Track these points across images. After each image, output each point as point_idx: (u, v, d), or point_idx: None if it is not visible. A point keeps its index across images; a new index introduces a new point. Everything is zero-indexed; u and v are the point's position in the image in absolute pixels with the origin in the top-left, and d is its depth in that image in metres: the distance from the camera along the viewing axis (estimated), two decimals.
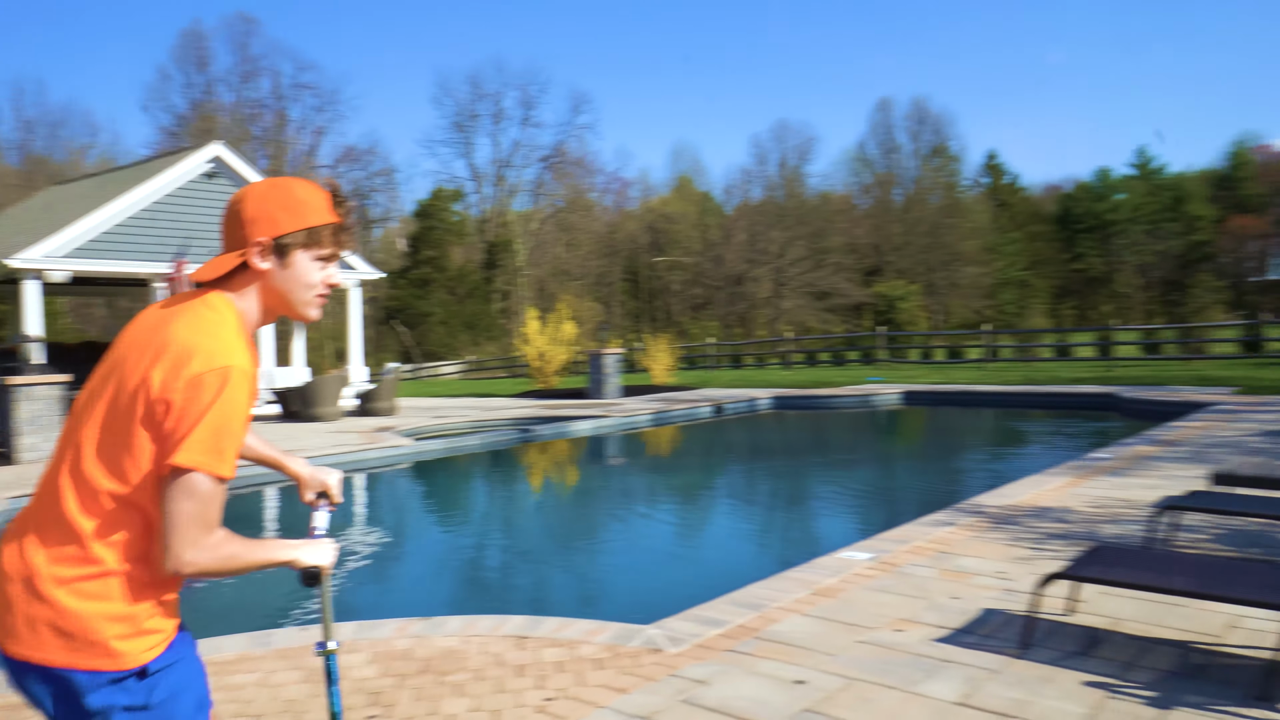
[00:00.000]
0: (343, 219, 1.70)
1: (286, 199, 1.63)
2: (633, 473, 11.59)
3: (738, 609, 4.36)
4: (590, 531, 8.06)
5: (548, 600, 5.94)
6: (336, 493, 1.98)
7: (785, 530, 7.99)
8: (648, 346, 22.30)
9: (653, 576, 6.36)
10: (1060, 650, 3.73)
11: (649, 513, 8.83)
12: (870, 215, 53.56)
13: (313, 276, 1.66)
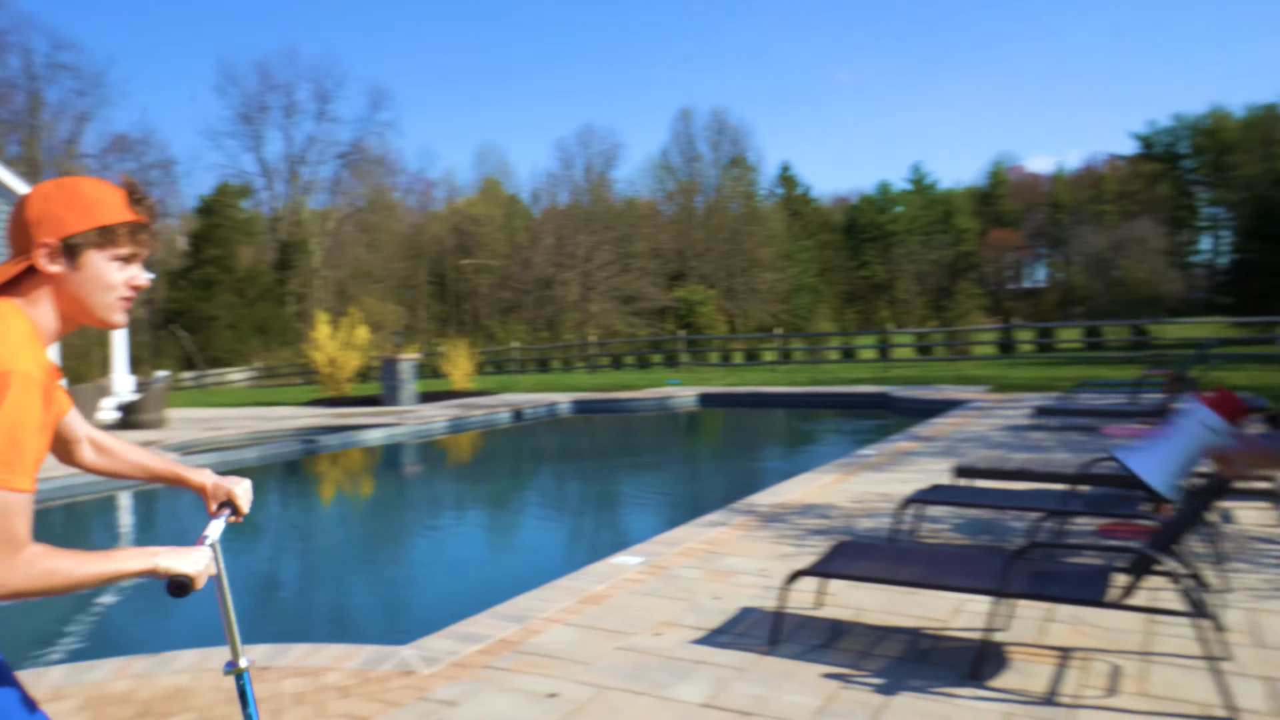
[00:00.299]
0: (141, 217, 1.58)
1: (73, 197, 1.52)
2: (420, 483, 11.24)
3: (501, 622, 4.26)
4: (363, 548, 7.72)
5: (306, 625, 5.60)
6: (244, 503, 1.88)
7: (566, 537, 7.98)
8: (447, 351, 21.80)
9: (425, 592, 6.16)
10: (806, 644, 3.89)
11: (429, 525, 8.57)
12: (674, 221, 55.07)
13: (111, 278, 1.56)
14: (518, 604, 4.53)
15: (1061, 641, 3.83)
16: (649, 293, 48.72)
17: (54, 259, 1.52)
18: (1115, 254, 42.08)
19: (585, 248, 49.29)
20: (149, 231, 1.60)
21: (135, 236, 1.57)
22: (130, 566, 1.50)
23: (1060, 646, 3.78)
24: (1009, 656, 3.69)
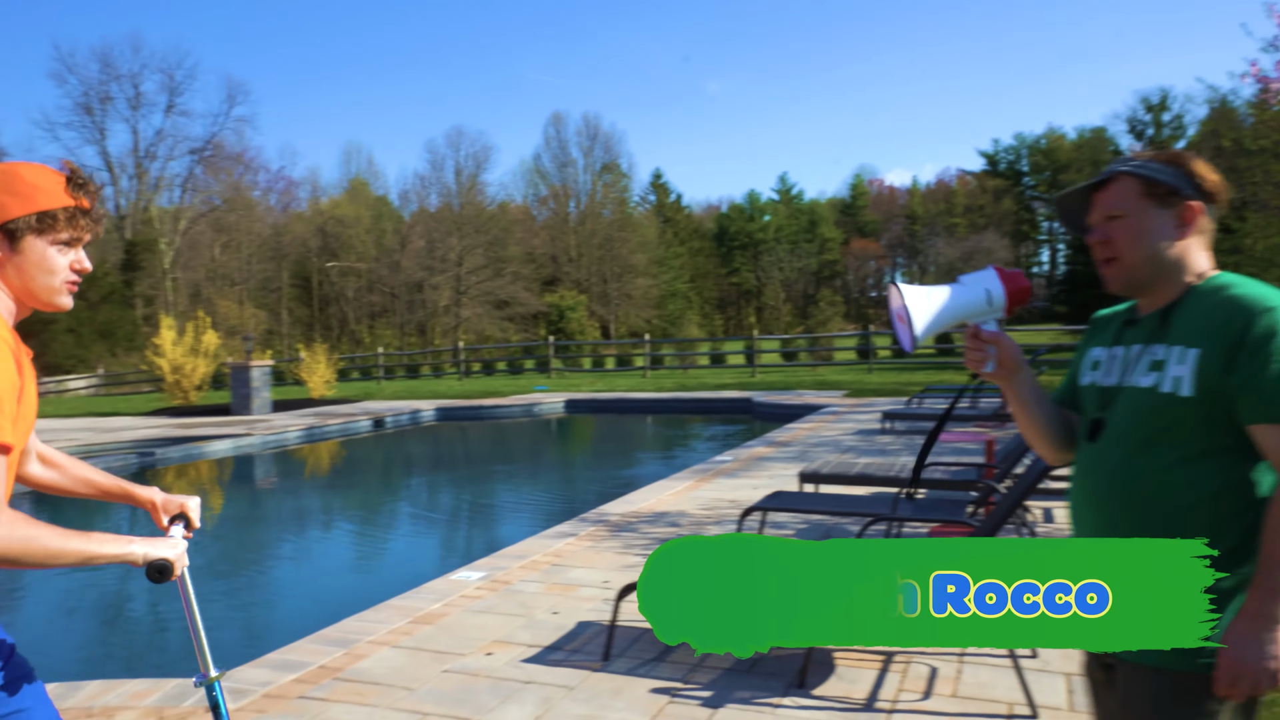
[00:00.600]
0: (81, 201, 1.60)
1: (12, 183, 1.55)
2: (264, 498, 10.69)
3: (324, 647, 4.04)
4: (199, 569, 7.25)
5: (112, 658, 5.19)
6: (195, 516, 1.89)
7: (409, 553, 7.71)
8: (305, 358, 20.92)
9: (251, 617, 5.82)
10: (639, 658, 3.85)
11: (267, 544, 8.15)
12: (547, 226, 54.81)
13: (52, 262, 1.58)
14: (345, 627, 4.32)
15: (886, 645, 3.92)
16: (522, 298, 48.27)
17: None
18: (965, 264, 44.50)
19: (457, 251, 48.43)
20: (90, 216, 1.62)
21: (75, 222, 1.59)
22: (107, 550, 1.53)
23: (885, 651, 3.87)
24: (836, 663, 3.75)
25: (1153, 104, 33.24)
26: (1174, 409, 1.51)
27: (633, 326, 50.29)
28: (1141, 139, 33.87)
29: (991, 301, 1.65)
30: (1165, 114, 33.16)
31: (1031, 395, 1.73)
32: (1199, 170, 1.57)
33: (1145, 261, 1.58)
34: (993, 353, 1.67)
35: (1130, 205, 1.58)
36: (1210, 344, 1.48)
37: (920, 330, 1.61)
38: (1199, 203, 1.56)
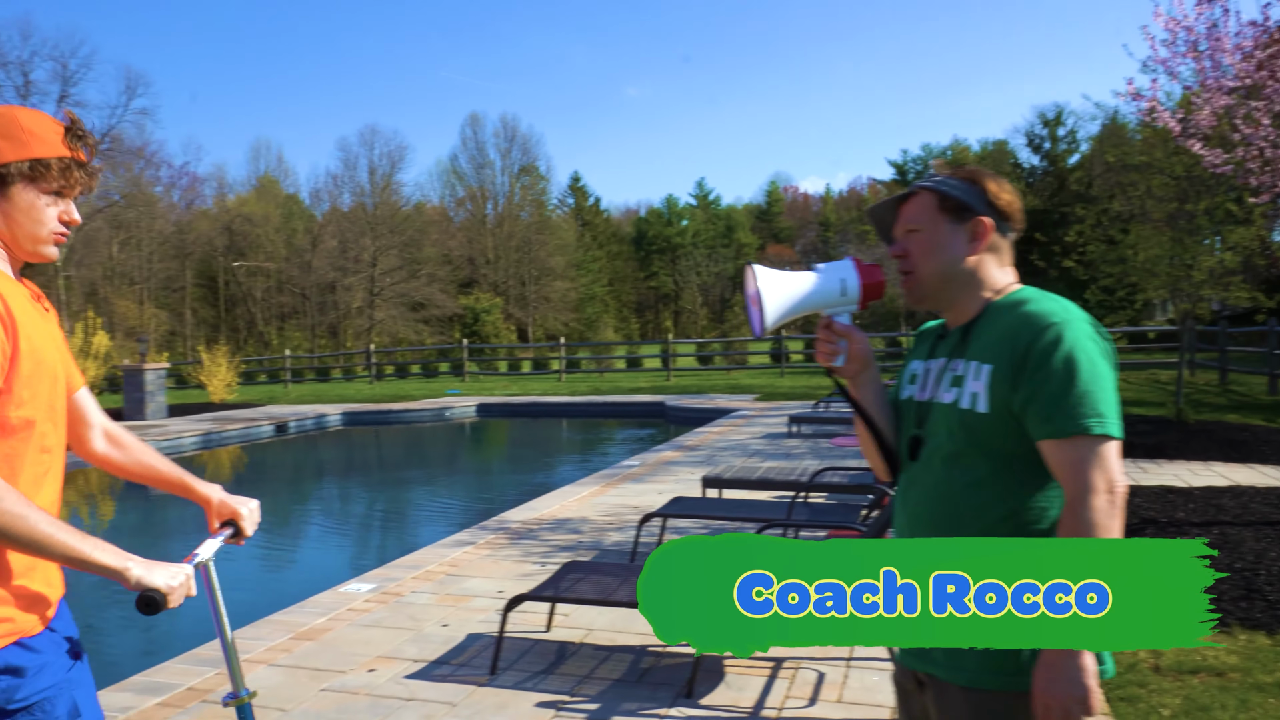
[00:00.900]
0: (77, 153, 1.54)
1: (8, 127, 1.48)
2: (149, 509, 10.21)
3: (195, 668, 3.84)
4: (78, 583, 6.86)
5: None
6: (248, 525, 1.81)
7: (303, 564, 7.46)
8: (205, 360, 20.15)
9: (124, 639, 5.51)
10: (528, 671, 3.76)
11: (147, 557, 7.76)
12: (464, 228, 54.10)
13: (41, 212, 1.52)
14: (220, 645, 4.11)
15: (777, 652, 3.93)
16: (438, 300, 47.50)
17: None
18: None
19: (370, 252, 47.39)
20: (85, 170, 1.56)
21: (68, 173, 1.53)
22: (100, 558, 1.42)
23: (775, 657, 3.87)
24: (725, 671, 3.73)
25: (1049, 119, 34.65)
26: (973, 425, 1.51)
27: (551, 329, 50.03)
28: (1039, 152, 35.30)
29: (846, 292, 1.62)
30: (1060, 129, 34.62)
31: (875, 398, 1.71)
32: (992, 188, 1.59)
33: (937, 274, 1.59)
34: (844, 346, 1.66)
35: (926, 220, 1.60)
36: (1000, 359, 1.49)
37: (771, 315, 1.57)
38: (990, 219, 1.58)
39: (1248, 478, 7.32)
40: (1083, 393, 1.42)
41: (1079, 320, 1.48)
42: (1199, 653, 3.77)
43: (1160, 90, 5.69)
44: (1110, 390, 1.45)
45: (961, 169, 1.64)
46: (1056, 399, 1.43)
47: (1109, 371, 1.47)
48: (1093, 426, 1.41)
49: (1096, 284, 11.35)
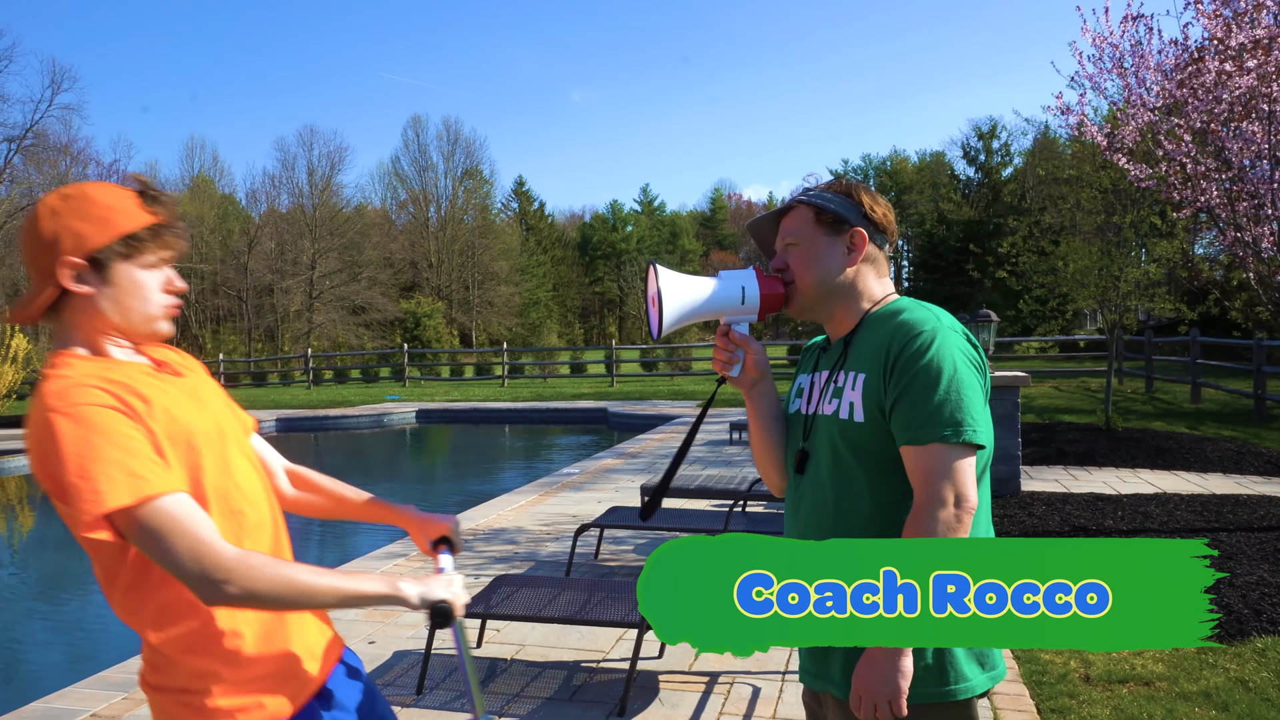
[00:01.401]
0: (160, 217, 1.44)
1: (86, 208, 1.39)
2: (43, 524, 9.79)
3: (102, 691, 3.64)
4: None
5: None
6: (458, 539, 1.74)
7: None
8: None
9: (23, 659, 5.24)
10: (455, 691, 3.65)
11: (55, 572, 7.44)
12: (406, 231, 53.38)
13: (148, 290, 1.43)
14: (130, 667, 3.91)
15: (712, 666, 3.88)
16: (379, 304, 46.74)
17: (82, 279, 1.39)
18: None
19: (309, 254, 46.45)
20: (173, 231, 1.46)
21: (160, 239, 1.44)
22: (370, 588, 1.38)
23: (711, 671, 3.82)
24: (660, 686, 3.66)
25: (984, 132, 35.50)
26: (852, 435, 1.53)
27: (494, 334, 49.60)
28: (974, 164, 36.14)
29: (745, 301, 1.60)
30: (995, 142, 35.49)
31: (770, 410, 1.70)
32: (866, 201, 1.61)
33: (816, 286, 1.61)
34: (740, 356, 1.65)
35: (804, 233, 1.61)
36: (873, 368, 1.51)
37: (670, 317, 1.54)
38: (865, 231, 1.60)
39: (1172, 484, 7.51)
40: (943, 401, 1.43)
41: (949, 330, 1.50)
42: (1128, 662, 3.82)
43: (1088, 105, 5.81)
44: (974, 399, 1.46)
45: (837, 183, 1.65)
46: (918, 406, 1.44)
47: (975, 381, 1.48)
48: (949, 436, 1.42)
49: (1030, 294, 11.61)
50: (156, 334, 1.47)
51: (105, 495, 1.24)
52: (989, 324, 7.33)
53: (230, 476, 1.44)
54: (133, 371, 1.40)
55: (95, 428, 1.27)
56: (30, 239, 1.40)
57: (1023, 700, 3.48)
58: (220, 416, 1.51)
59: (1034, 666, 3.80)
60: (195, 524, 1.28)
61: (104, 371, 1.36)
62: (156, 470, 1.29)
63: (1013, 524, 6.10)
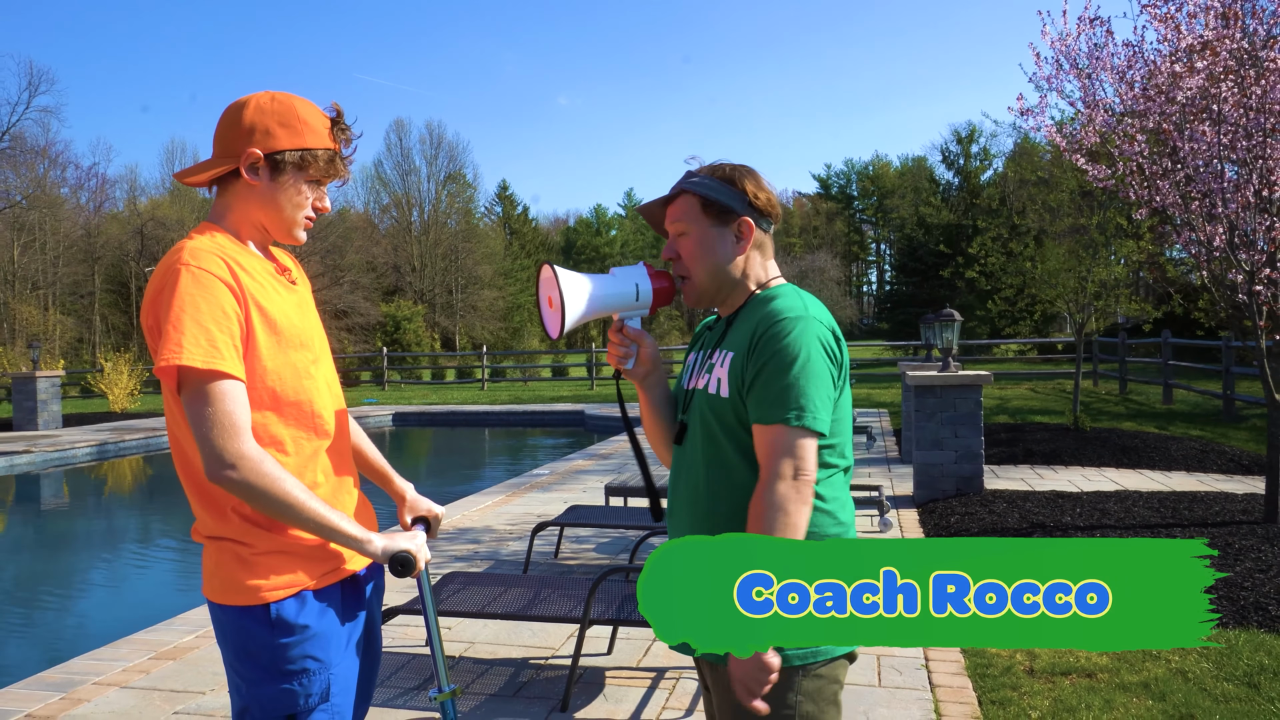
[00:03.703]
0: (340, 146, 1.63)
1: (286, 115, 1.58)
2: (28, 522, 9.69)
3: (37, 692, 3.60)
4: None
5: None
6: (435, 528, 1.87)
7: (187, 579, 7.11)
8: (106, 368, 19.32)
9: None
10: (401, 687, 3.63)
11: (15, 574, 7.36)
12: (389, 235, 53.20)
13: (301, 199, 1.61)
14: (71, 667, 3.87)
15: (660, 662, 3.87)
16: (361, 308, 46.51)
17: (256, 171, 1.58)
18: (801, 282, 46.34)
19: (300, 256, 46.20)
20: (344, 161, 1.65)
21: (331, 164, 1.62)
22: (345, 528, 1.52)
23: (657, 667, 3.81)
24: (606, 682, 3.65)
25: (963, 136, 35.73)
26: (719, 409, 1.58)
27: (477, 338, 49.48)
28: (953, 168, 36.37)
29: (639, 296, 1.64)
30: (974, 146, 35.73)
31: (662, 399, 1.76)
32: (750, 187, 1.63)
33: (709, 276, 1.64)
34: (634, 350, 1.68)
35: (692, 222, 1.64)
36: (740, 347, 1.57)
37: (571, 317, 1.56)
38: (751, 219, 1.63)
39: (1136, 482, 7.56)
40: (790, 385, 1.49)
41: (814, 320, 1.55)
42: (1072, 654, 3.84)
43: (1049, 107, 5.86)
44: (820, 389, 1.51)
45: (720, 169, 1.66)
46: (768, 387, 1.50)
47: (825, 371, 1.53)
48: (791, 419, 1.48)
49: (998, 295, 11.68)
50: (293, 239, 1.66)
51: (184, 351, 1.43)
52: (952, 323, 7.36)
53: (314, 380, 1.63)
54: (256, 264, 1.59)
55: (206, 293, 1.47)
56: (230, 119, 1.59)
57: (965, 693, 3.49)
58: (316, 330, 1.70)
59: (979, 660, 3.82)
60: (237, 409, 1.46)
61: (235, 253, 1.56)
62: (231, 352, 1.47)
63: (972, 521, 6.13)
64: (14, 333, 39.80)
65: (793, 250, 58.23)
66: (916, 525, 6.38)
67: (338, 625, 1.59)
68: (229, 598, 1.54)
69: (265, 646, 1.53)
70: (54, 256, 46.56)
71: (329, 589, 1.59)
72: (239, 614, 1.54)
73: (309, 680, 1.54)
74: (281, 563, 1.54)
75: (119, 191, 53.13)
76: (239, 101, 1.60)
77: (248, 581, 1.53)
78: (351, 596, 1.65)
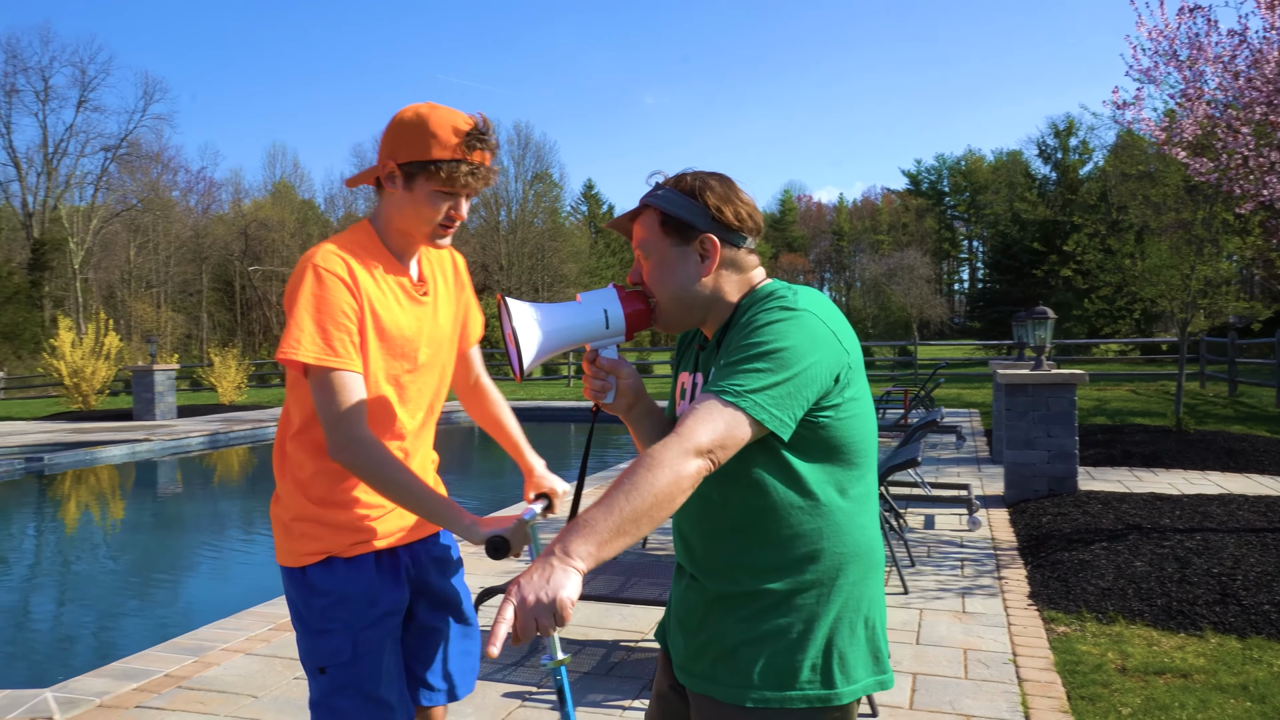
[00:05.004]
0: (470, 157, 1.69)
1: (417, 129, 1.67)
2: (153, 504, 10.34)
3: (174, 655, 3.93)
4: (70, 575, 6.98)
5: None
6: (557, 505, 1.94)
7: None
8: (215, 362, 20.36)
9: (112, 625, 5.61)
10: (497, 664, 3.82)
11: (145, 550, 7.88)
12: (478, 235, 54.38)
13: (431, 207, 1.71)
14: (201, 634, 4.20)
15: None
16: None
17: (393, 180, 1.73)
18: (889, 280, 45.52)
19: None
20: (476, 173, 1.71)
21: (458, 175, 1.69)
22: (444, 512, 1.67)
23: None
24: None
25: (1060, 129, 34.52)
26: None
27: None
28: (1049, 162, 35.20)
29: (610, 324, 1.48)
30: (1073, 139, 34.47)
31: (651, 429, 1.60)
32: (712, 201, 1.44)
33: (673, 300, 1.46)
34: (612, 382, 1.53)
35: (653, 242, 1.46)
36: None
37: (530, 355, 1.43)
38: (716, 236, 1.44)
39: (1243, 486, 7.30)
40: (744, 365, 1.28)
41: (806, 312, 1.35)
42: (1166, 654, 3.79)
43: (1146, 99, 5.73)
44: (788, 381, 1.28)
45: (683, 180, 1.47)
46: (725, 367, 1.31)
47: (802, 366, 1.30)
48: (727, 395, 1.26)
49: (1096, 293, 11.35)
50: (433, 244, 1.79)
51: (299, 347, 1.62)
52: (1045, 321, 7.23)
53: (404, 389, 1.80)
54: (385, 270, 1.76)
55: (325, 292, 1.64)
56: (386, 132, 1.74)
57: (1054, 688, 3.50)
58: (433, 343, 1.85)
59: (1069, 657, 3.81)
60: (351, 398, 1.64)
61: (368, 255, 1.74)
62: (346, 347, 1.64)
63: (1064, 521, 6.04)
64: (130, 329, 42.19)
65: (881, 247, 57.28)
66: (1007, 524, 6.32)
67: (364, 594, 1.72)
68: (279, 559, 1.79)
69: (302, 604, 1.74)
70: (165, 256, 49.09)
71: (359, 559, 1.74)
72: (285, 574, 1.79)
73: (333, 639, 1.70)
74: (314, 531, 1.73)
75: (224, 194, 55.61)
76: (396, 114, 1.74)
77: (288, 546, 1.76)
78: (388, 570, 1.78)
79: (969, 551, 5.64)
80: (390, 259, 1.78)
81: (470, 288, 2.03)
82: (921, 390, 12.30)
